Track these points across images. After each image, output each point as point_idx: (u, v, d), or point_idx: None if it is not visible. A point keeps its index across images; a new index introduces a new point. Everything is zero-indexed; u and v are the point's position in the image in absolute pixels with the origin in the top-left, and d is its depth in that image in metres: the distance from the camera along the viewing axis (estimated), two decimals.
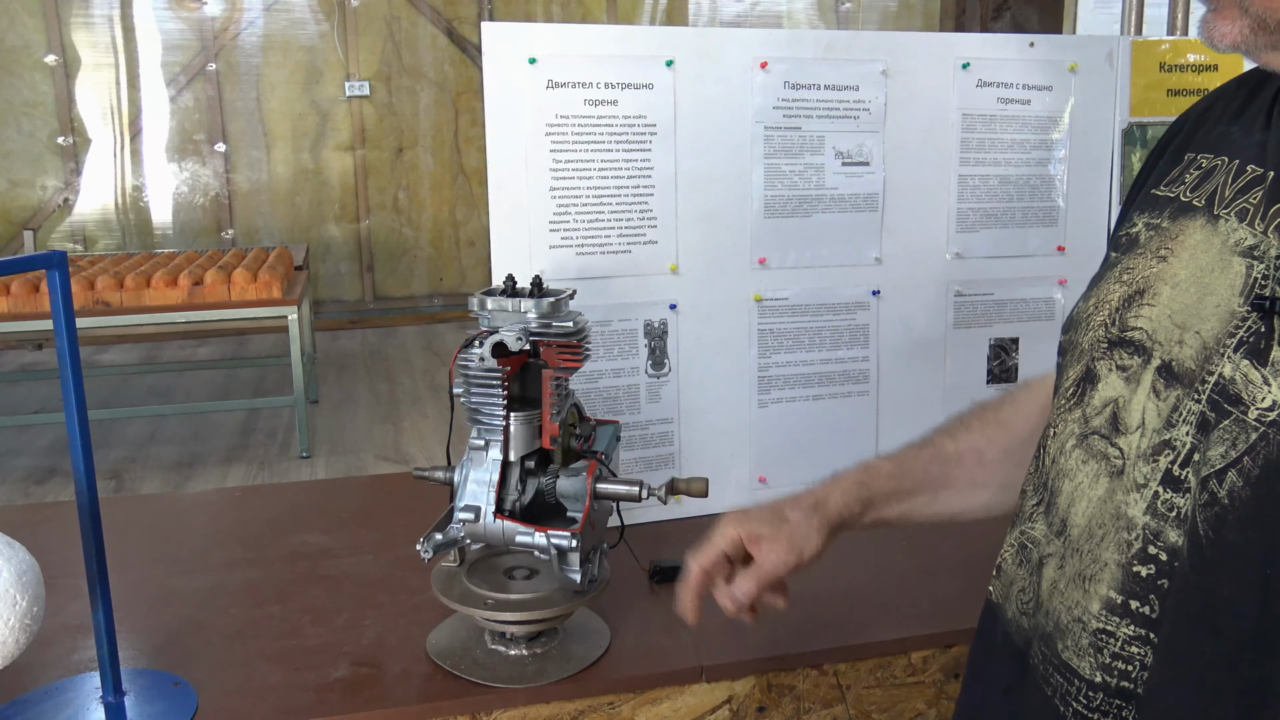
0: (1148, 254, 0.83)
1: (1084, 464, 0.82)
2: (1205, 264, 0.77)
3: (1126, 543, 0.77)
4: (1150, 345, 0.78)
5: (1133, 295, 0.81)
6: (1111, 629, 0.77)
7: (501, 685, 1.12)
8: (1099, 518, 0.79)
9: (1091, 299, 0.87)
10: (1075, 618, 0.80)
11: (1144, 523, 0.75)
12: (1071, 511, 0.82)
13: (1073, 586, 0.81)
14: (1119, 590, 0.77)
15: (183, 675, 1.15)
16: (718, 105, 1.53)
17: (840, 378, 1.65)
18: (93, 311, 3.79)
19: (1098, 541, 0.79)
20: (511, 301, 1.13)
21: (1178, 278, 0.79)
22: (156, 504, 2.15)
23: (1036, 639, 0.85)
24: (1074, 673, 0.79)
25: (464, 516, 1.11)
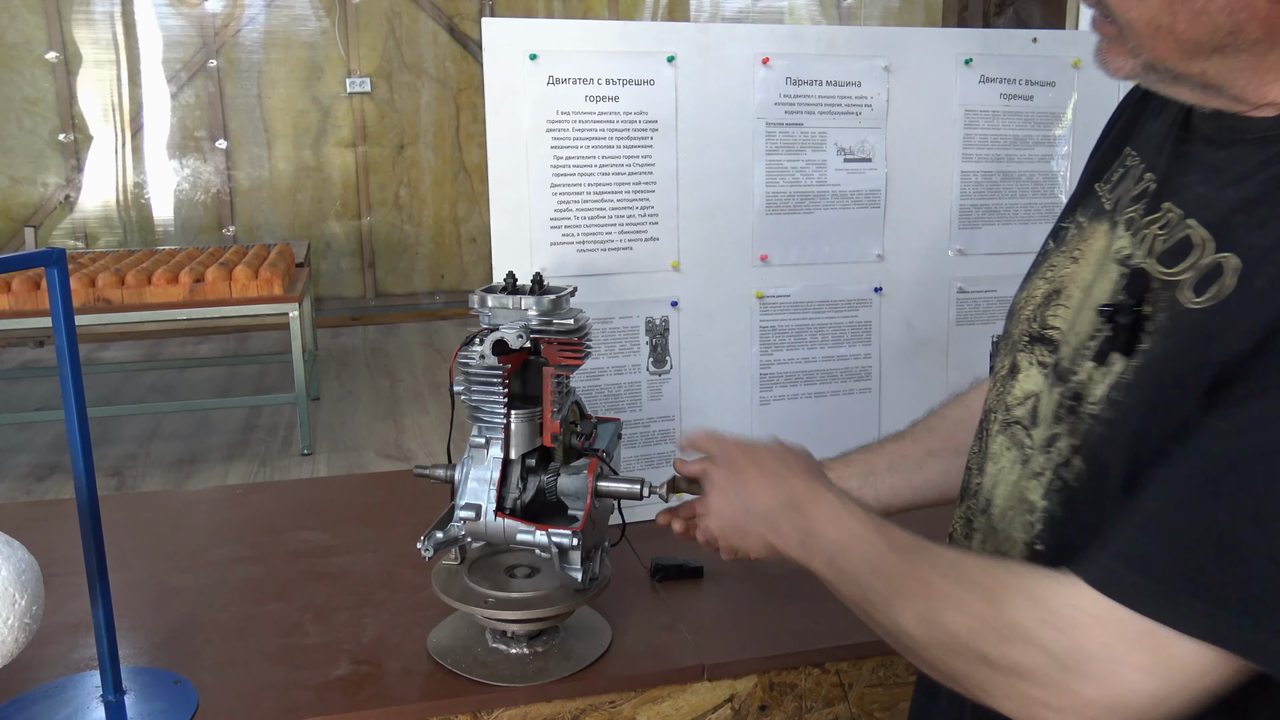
0: (1067, 253, 0.88)
1: (1006, 450, 0.88)
2: (1097, 268, 0.83)
3: (1029, 524, 0.84)
4: (1060, 344, 0.84)
5: (1051, 293, 0.87)
6: None
7: (502, 684, 1.11)
8: (1010, 500, 0.87)
9: (1024, 291, 0.92)
10: None
11: (1042, 506, 0.82)
12: (995, 493, 0.89)
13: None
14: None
15: (183, 673, 1.15)
16: (719, 101, 1.52)
17: (842, 375, 1.64)
18: (94, 309, 3.79)
19: (1009, 521, 0.86)
20: (512, 299, 1.12)
21: (1083, 280, 0.84)
22: (157, 501, 2.15)
23: None
24: None
25: (465, 515, 1.11)
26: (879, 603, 0.82)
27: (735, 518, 0.97)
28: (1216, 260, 0.69)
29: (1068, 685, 0.69)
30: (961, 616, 0.75)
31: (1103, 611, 0.68)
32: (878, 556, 0.83)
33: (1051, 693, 0.70)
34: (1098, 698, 0.68)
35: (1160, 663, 0.66)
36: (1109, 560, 0.69)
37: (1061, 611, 0.70)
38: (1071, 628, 0.69)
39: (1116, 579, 0.68)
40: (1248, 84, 0.71)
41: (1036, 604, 0.71)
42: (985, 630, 0.73)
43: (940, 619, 0.76)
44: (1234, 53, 0.69)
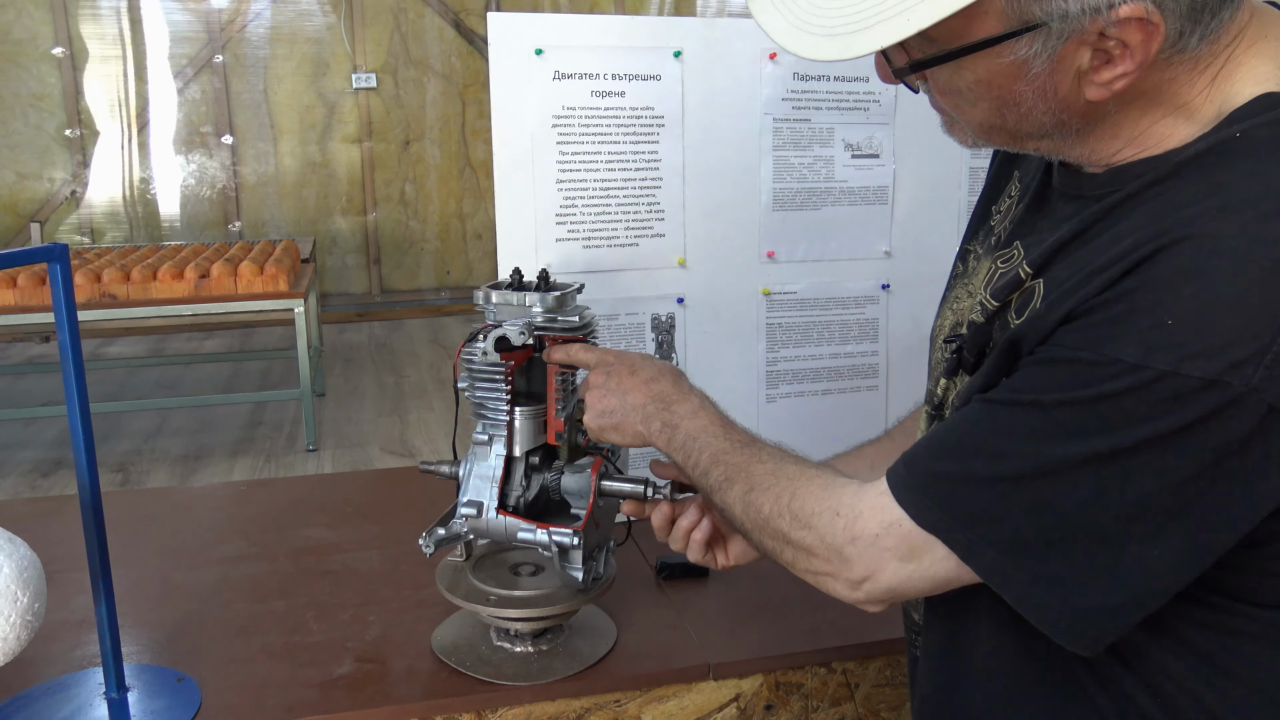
0: (963, 286, 0.96)
1: None
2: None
3: None
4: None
5: (954, 325, 0.94)
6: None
7: (506, 682, 1.11)
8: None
9: (937, 319, 1.01)
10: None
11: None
12: None
13: None
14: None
15: (186, 671, 1.15)
16: (726, 97, 1.51)
17: (849, 372, 1.63)
18: (99, 304, 3.78)
19: None
20: (517, 295, 1.11)
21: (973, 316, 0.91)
22: (161, 498, 2.14)
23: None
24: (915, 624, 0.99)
25: (466, 512, 1.10)
26: (715, 487, 0.95)
27: (611, 411, 1.05)
28: (1030, 287, 0.80)
29: (843, 564, 0.82)
30: (770, 501, 0.89)
31: (880, 504, 0.81)
32: (719, 448, 0.97)
33: (833, 567, 0.84)
34: (864, 575, 0.82)
35: (905, 548, 0.79)
36: (897, 464, 0.82)
37: (848, 503, 0.83)
38: (853, 516, 0.82)
39: (893, 472, 0.81)
40: (1080, 153, 0.80)
41: (831, 494, 0.85)
42: (784, 513, 0.87)
43: (755, 502, 0.90)
44: (1061, 136, 0.78)
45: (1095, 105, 0.74)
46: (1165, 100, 0.75)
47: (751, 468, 0.93)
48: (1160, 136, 0.76)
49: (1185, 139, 0.75)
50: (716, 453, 0.97)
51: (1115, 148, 0.78)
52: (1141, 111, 0.76)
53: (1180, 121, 0.76)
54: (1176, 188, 0.72)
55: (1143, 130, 0.77)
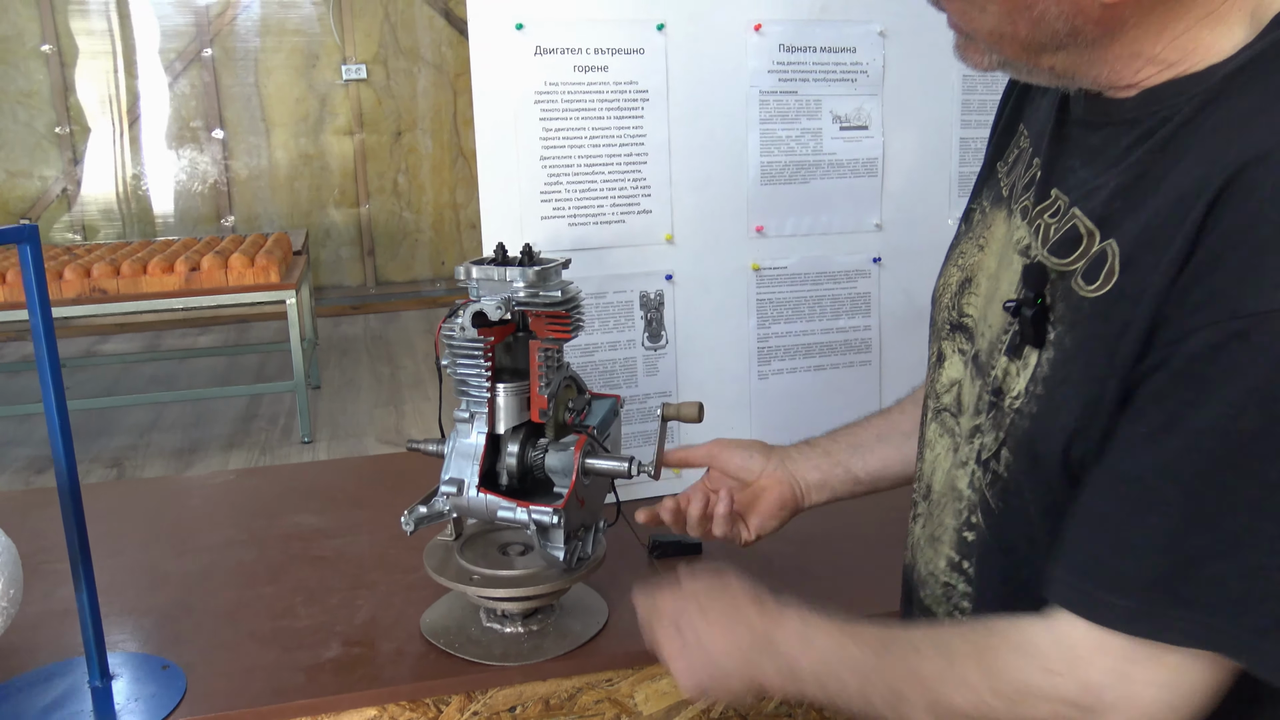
0: (974, 241, 0.90)
1: (939, 437, 0.91)
2: (1001, 259, 0.84)
3: (958, 510, 0.86)
4: (975, 333, 0.86)
5: (964, 281, 0.89)
6: (953, 583, 0.87)
7: (496, 663, 1.09)
8: (943, 487, 0.89)
9: (941, 278, 0.96)
10: (930, 571, 0.91)
11: (968, 495, 0.84)
12: (933, 479, 0.92)
13: (928, 544, 0.91)
14: (955, 550, 0.87)
15: (172, 658, 1.13)
16: (711, 69, 1.49)
17: (842, 347, 1.62)
18: (90, 299, 3.76)
19: (943, 508, 0.89)
20: (498, 270, 1.10)
21: (989, 269, 0.86)
22: (151, 488, 2.13)
23: (914, 582, 0.96)
24: (933, 616, 0.91)
25: (447, 490, 1.08)
26: (884, 707, 0.78)
27: (709, 678, 0.88)
28: (1101, 249, 0.71)
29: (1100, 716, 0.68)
30: (965, 693, 0.73)
31: (1095, 640, 0.68)
32: (861, 664, 0.80)
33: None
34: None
35: (1165, 674, 0.66)
36: (1081, 582, 0.69)
37: (1055, 653, 0.69)
38: (1072, 666, 0.68)
39: (1095, 603, 0.67)
40: (1098, 73, 0.74)
41: (1029, 655, 0.71)
42: (992, 699, 0.72)
43: (947, 703, 0.74)
44: (1077, 49, 0.72)
45: (1112, 11, 0.68)
46: (1188, 9, 0.69)
47: (914, 668, 0.77)
48: (1190, 51, 0.70)
49: (1225, 52, 0.68)
50: (864, 673, 0.79)
51: (1137, 67, 0.72)
52: (1163, 23, 0.69)
53: (1210, 32, 0.69)
54: (1234, 103, 0.66)
55: (1167, 44, 0.70)
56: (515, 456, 1.12)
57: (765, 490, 1.15)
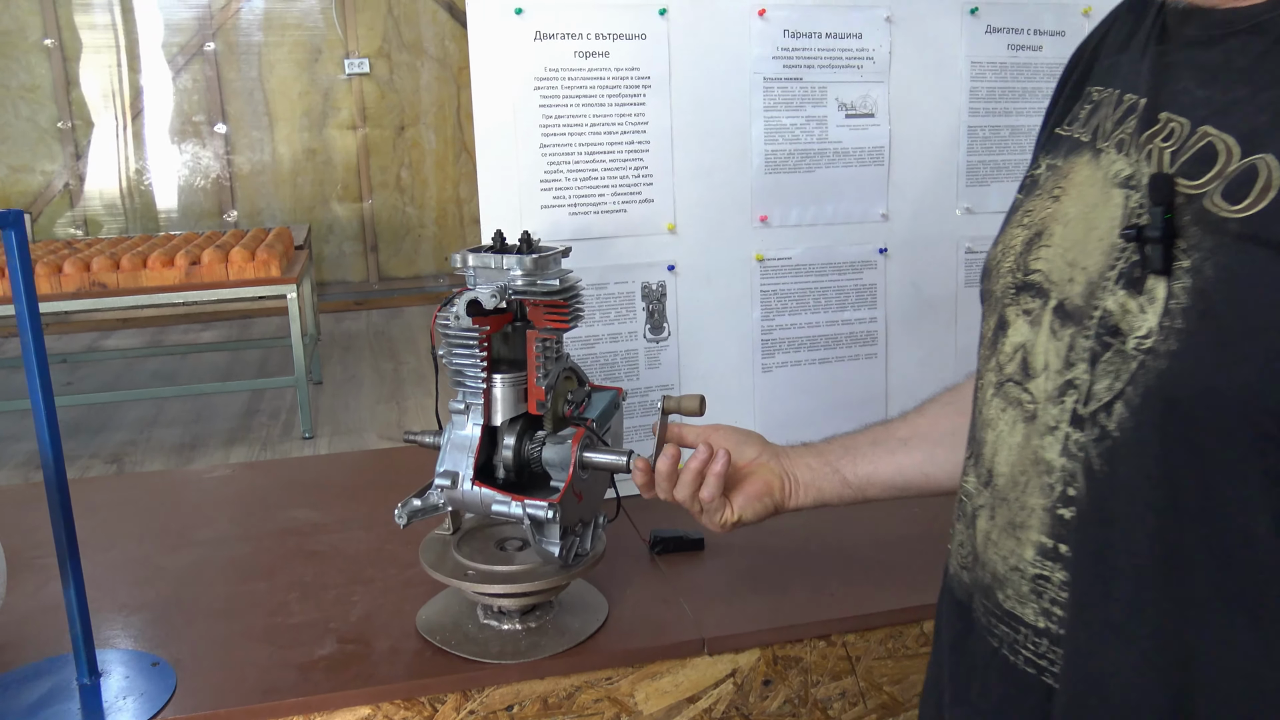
0: (1044, 194, 0.83)
1: (1003, 412, 0.82)
2: (1090, 199, 0.77)
3: (1048, 486, 0.76)
4: (1048, 286, 0.78)
5: (1033, 238, 0.81)
6: (1047, 574, 0.77)
7: (493, 661, 1.07)
8: (1020, 465, 0.79)
9: (999, 245, 0.87)
10: (1012, 566, 0.80)
11: (1060, 465, 0.75)
12: (996, 460, 0.82)
13: (1005, 535, 0.81)
14: (1048, 534, 0.76)
15: (163, 655, 1.11)
16: (714, 56, 1.46)
17: (847, 340, 1.59)
18: (89, 293, 3.74)
19: (1022, 489, 0.79)
20: (495, 258, 1.07)
21: (1068, 216, 0.79)
22: (147, 482, 2.10)
23: (977, 592, 0.84)
24: (1019, 620, 0.79)
25: (441, 482, 1.06)
26: None
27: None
28: (1249, 164, 0.64)
29: None
30: None
31: None
32: None
33: None
34: None
35: None
36: None
37: None
38: None
39: None
40: None
41: None
42: None
43: None
44: None
45: None
46: None
47: None
48: None
49: None
50: None
51: None
52: None
53: None
54: None
55: None
56: (511, 449, 1.09)
57: (752, 474, 1.11)
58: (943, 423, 1.07)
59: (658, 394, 1.50)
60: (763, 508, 1.09)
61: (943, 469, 1.07)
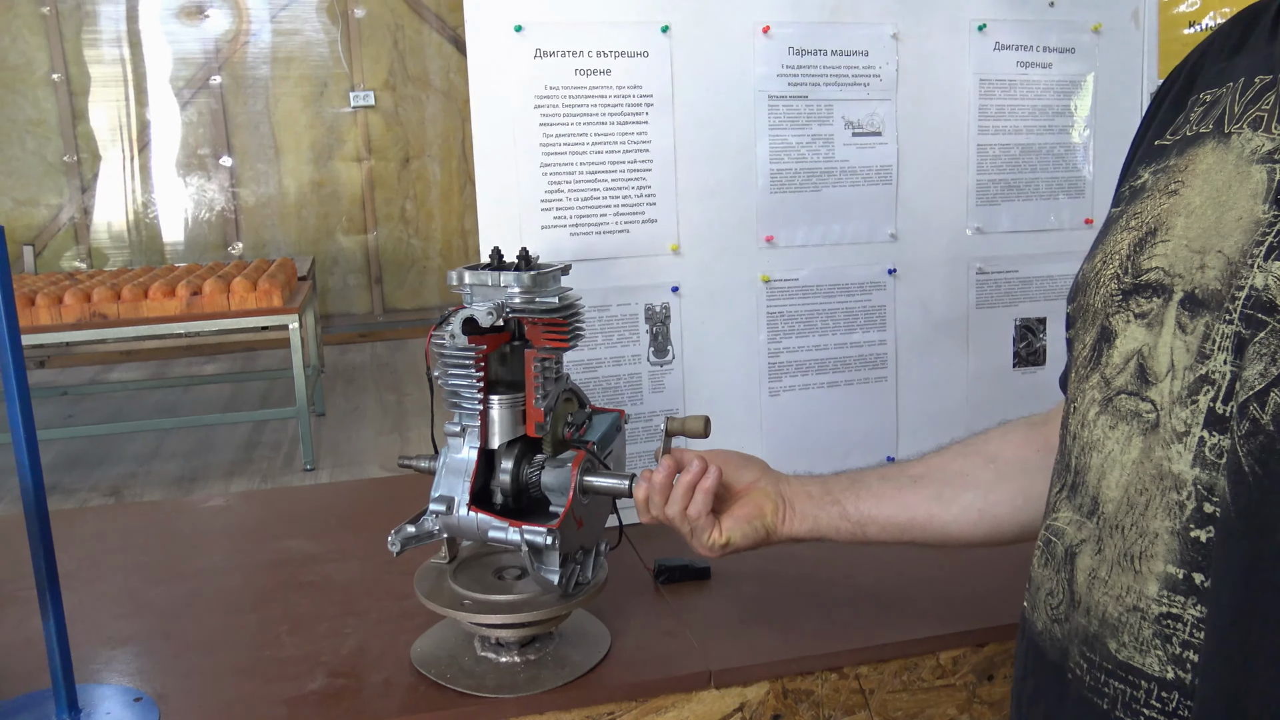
0: (1155, 194, 0.75)
1: (1112, 429, 0.72)
2: (1220, 183, 0.70)
3: (1177, 505, 0.66)
4: (1170, 281, 0.70)
5: (1144, 238, 0.73)
6: (1178, 611, 0.65)
7: (490, 695, 1.02)
8: (1138, 483, 0.69)
9: (1098, 256, 0.78)
10: (1130, 606, 0.68)
11: (1194, 476, 0.65)
12: (1103, 485, 0.72)
13: (1119, 571, 0.69)
14: (1178, 563, 0.65)
15: (147, 689, 1.06)
16: (718, 73, 1.43)
17: (856, 363, 1.55)
18: (90, 324, 3.71)
19: (1141, 511, 0.68)
20: (492, 275, 1.03)
21: (1191, 205, 0.71)
22: (140, 511, 2.06)
23: (1076, 644, 0.73)
24: (1139, 673, 0.67)
25: (436, 508, 1.02)
26: None
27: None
28: None
29: None
30: None
31: None
32: None
33: None
34: None
35: None
36: None
37: None
38: None
39: None
40: None
41: None
42: None
43: None
44: None
45: None
46: None
47: None
48: None
49: None
50: None
51: None
52: None
53: None
54: None
55: None
56: (509, 473, 1.05)
57: (746, 497, 1.05)
58: (957, 462, 1.02)
59: (661, 418, 1.46)
60: (752, 531, 1.03)
61: (949, 510, 1.00)
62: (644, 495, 1.02)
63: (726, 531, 1.02)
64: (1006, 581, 1.04)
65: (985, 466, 1.00)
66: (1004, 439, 1.01)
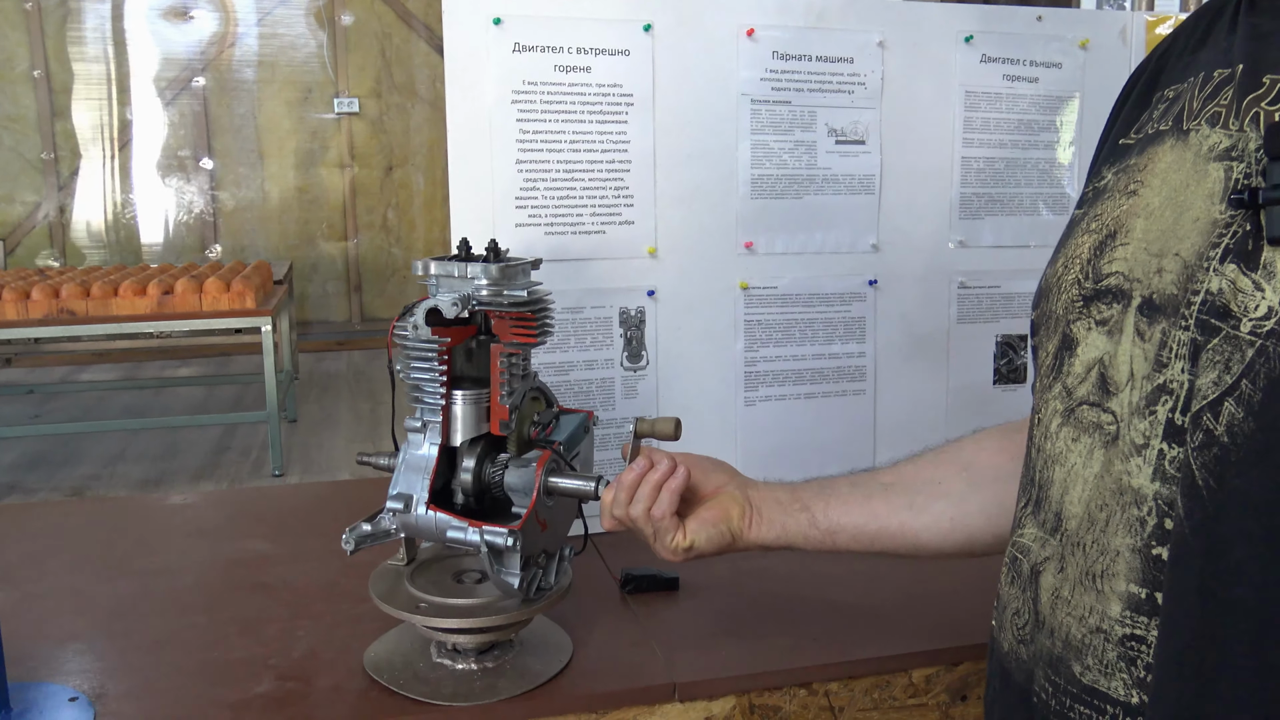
0: (1116, 195, 0.73)
1: (1074, 442, 0.70)
2: (1178, 183, 0.67)
3: (1138, 521, 0.63)
4: (1129, 286, 0.68)
5: (1104, 240, 0.71)
6: (1141, 633, 0.63)
7: (443, 702, 0.98)
8: (1099, 499, 0.66)
9: (1059, 260, 0.76)
10: (1093, 627, 0.66)
11: (1154, 491, 0.63)
12: (1066, 500, 0.69)
13: (1081, 590, 0.67)
14: (1140, 582, 0.63)
15: (85, 688, 1.01)
16: (700, 75, 1.41)
17: (834, 374, 1.52)
18: (57, 320, 3.64)
19: (1102, 528, 0.66)
20: (459, 266, 1.00)
21: (1150, 206, 0.69)
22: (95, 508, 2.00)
23: (1041, 666, 0.70)
24: (1104, 697, 0.65)
25: (394, 505, 0.98)
26: None
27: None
28: None
29: None
30: None
31: None
32: None
33: None
34: None
35: None
36: None
37: None
38: None
39: None
40: None
41: None
42: None
43: None
44: None
45: None
46: None
47: None
48: None
49: None
50: None
51: None
52: None
53: None
54: None
55: None
56: (471, 472, 1.01)
57: (712, 500, 1.02)
58: (929, 470, 0.99)
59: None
60: (717, 535, 0.99)
61: (920, 519, 0.97)
62: (610, 497, 0.98)
63: (691, 534, 0.99)
64: (983, 598, 1.00)
65: (959, 475, 0.97)
66: (978, 446, 0.98)
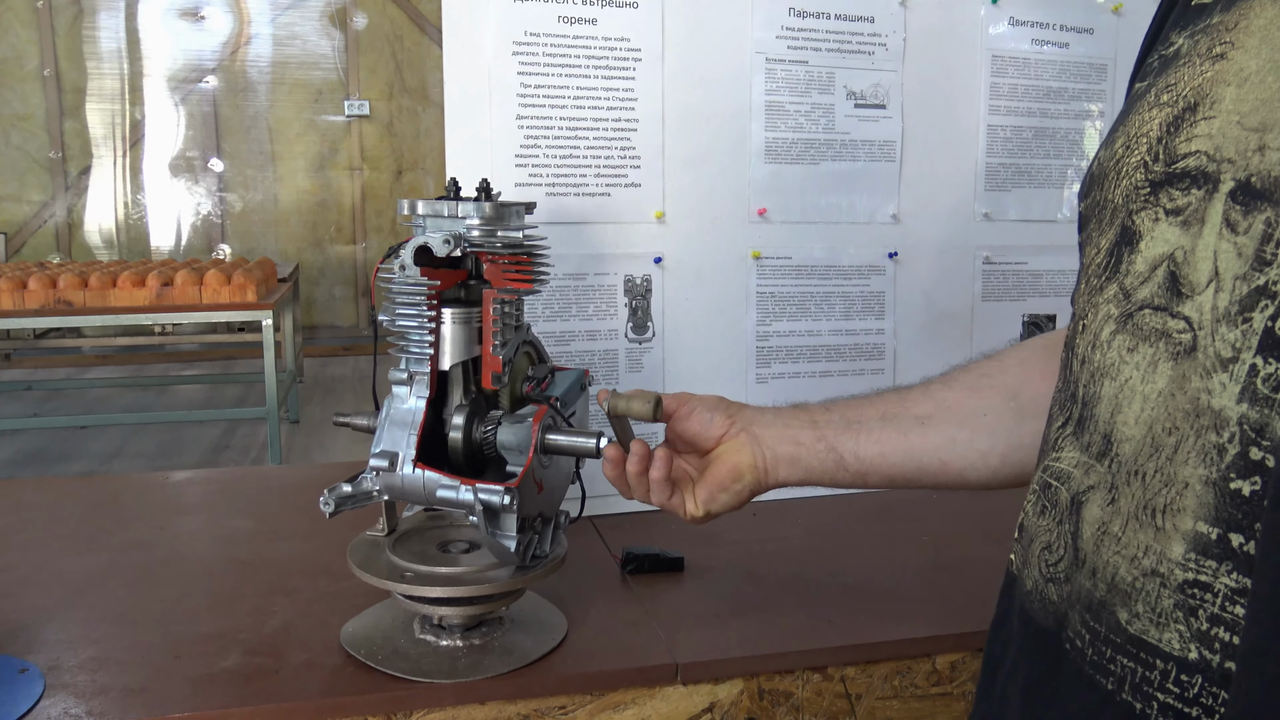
0: (1195, 60, 0.61)
1: (1130, 352, 0.59)
2: None
3: (1216, 448, 0.54)
4: (1215, 168, 0.56)
5: (1180, 115, 0.59)
6: (1207, 579, 0.54)
7: (424, 679, 0.89)
8: (1165, 420, 0.57)
9: (1118, 141, 0.64)
10: (1147, 570, 0.56)
11: (1239, 414, 0.53)
12: (1118, 421, 0.60)
13: (1136, 526, 0.58)
14: (1211, 520, 0.54)
15: (39, 661, 0.94)
16: (713, 31, 1.33)
17: (851, 351, 1.44)
18: (53, 311, 3.57)
19: (1168, 455, 0.56)
20: (449, 205, 0.92)
21: (1245, 72, 0.57)
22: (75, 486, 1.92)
23: (1078, 610, 0.61)
24: (1154, 650, 0.55)
25: (378, 464, 0.90)
26: None
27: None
28: None
29: None
30: None
31: None
32: None
33: None
34: None
35: None
36: None
37: None
38: None
39: None
40: None
41: None
42: None
43: None
44: None
45: None
46: None
47: None
48: None
49: None
50: None
51: None
52: None
53: None
54: None
55: None
56: (461, 430, 0.93)
57: (718, 458, 0.93)
58: (970, 399, 0.89)
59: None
60: (733, 497, 0.91)
61: (963, 456, 0.88)
62: (614, 475, 0.91)
63: (703, 504, 0.91)
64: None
65: (1005, 404, 0.87)
66: (1024, 369, 0.88)
